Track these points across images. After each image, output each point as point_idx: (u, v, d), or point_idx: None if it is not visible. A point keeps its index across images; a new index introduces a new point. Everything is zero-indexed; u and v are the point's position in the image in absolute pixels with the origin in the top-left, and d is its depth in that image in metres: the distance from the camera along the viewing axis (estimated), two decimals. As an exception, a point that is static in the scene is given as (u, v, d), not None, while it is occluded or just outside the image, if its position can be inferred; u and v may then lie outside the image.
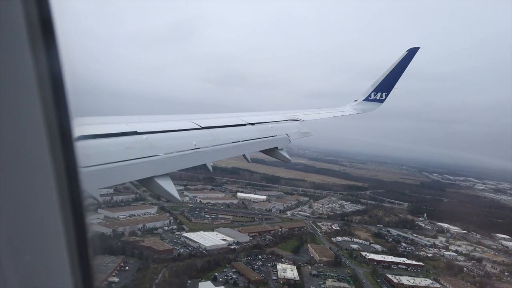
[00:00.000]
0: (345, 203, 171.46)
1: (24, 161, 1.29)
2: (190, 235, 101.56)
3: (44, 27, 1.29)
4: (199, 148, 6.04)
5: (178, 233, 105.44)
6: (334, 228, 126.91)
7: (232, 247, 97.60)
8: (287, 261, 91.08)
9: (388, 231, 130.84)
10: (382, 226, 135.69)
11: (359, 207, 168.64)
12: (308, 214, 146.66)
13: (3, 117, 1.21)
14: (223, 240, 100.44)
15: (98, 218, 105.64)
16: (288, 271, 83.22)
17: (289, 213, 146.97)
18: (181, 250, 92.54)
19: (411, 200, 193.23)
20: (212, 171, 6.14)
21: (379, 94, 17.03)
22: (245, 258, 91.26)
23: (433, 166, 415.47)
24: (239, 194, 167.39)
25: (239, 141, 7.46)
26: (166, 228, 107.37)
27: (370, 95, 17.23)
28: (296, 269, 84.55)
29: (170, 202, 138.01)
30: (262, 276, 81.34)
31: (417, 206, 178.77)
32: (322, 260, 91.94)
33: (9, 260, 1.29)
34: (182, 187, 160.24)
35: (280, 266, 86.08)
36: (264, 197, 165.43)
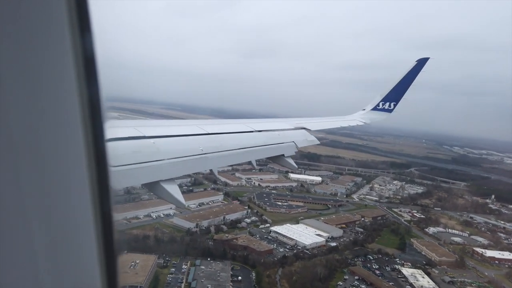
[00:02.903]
0: (401, 183, 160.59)
1: (60, 162, 1.27)
2: (278, 229, 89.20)
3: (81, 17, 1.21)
4: (205, 153, 5.92)
5: (263, 226, 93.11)
6: (417, 215, 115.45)
7: (333, 244, 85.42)
8: (405, 263, 79.12)
9: (471, 217, 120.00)
10: (461, 212, 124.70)
11: (418, 187, 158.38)
12: (375, 198, 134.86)
13: (45, 116, 1.20)
14: (317, 235, 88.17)
15: (171, 208, 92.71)
16: (418, 277, 71.31)
17: (355, 197, 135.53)
18: (280, 249, 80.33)
19: (460, 178, 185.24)
20: (218, 176, 6.36)
21: (387, 103, 16.19)
22: (357, 260, 79.11)
23: (447, 139, 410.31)
24: (291, 175, 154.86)
25: (245, 148, 7.22)
26: (248, 220, 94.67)
27: (378, 105, 16.36)
28: (426, 275, 72.67)
29: (227, 186, 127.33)
30: (392, 284, 69.51)
31: (474, 185, 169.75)
32: (442, 261, 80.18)
33: (44, 259, 1.27)
34: (230, 168, 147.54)
35: (405, 271, 74.05)
36: (319, 178, 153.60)
